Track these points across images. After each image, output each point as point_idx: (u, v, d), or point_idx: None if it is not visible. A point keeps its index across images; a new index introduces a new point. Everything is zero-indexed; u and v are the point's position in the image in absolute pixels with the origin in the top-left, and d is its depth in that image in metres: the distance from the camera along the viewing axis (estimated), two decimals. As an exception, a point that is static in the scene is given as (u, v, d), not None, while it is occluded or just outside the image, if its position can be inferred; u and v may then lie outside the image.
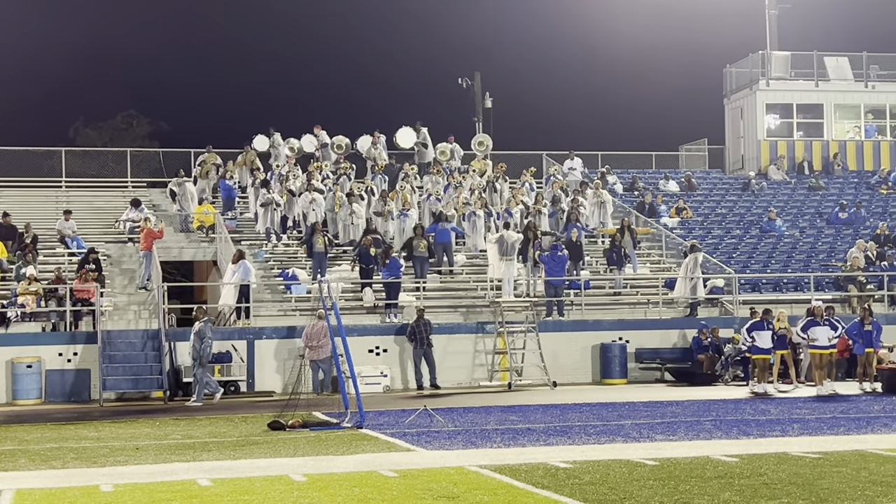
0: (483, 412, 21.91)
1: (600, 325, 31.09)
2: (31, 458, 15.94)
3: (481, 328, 30.07)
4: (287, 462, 14.94)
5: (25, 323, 28.15)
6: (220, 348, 28.15)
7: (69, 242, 33.15)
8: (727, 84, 46.90)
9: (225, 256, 32.32)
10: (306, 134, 40.21)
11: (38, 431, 20.03)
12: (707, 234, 38.43)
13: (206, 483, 13.11)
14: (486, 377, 29.46)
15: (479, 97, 49.42)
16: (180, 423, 20.96)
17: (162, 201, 37.56)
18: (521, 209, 35.44)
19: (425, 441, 17.03)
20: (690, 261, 32.46)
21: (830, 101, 45.27)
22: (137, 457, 15.87)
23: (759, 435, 17.24)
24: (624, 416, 20.76)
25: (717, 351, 29.79)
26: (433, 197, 35.99)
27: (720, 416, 20.48)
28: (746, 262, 36.39)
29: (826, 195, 42.68)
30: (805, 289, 33.82)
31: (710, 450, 15.31)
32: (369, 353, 28.99)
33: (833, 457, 14.47)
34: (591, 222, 36.95)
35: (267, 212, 34.54)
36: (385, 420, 20.40)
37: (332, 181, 36.54)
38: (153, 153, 43.14)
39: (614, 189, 40.33)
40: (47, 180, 39.84)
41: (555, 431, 18.18)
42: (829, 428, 18.14)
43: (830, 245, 38.05)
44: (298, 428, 19.17)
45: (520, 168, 39.60)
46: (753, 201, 42.09)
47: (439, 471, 13.79)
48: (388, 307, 30.36)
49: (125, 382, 27.09)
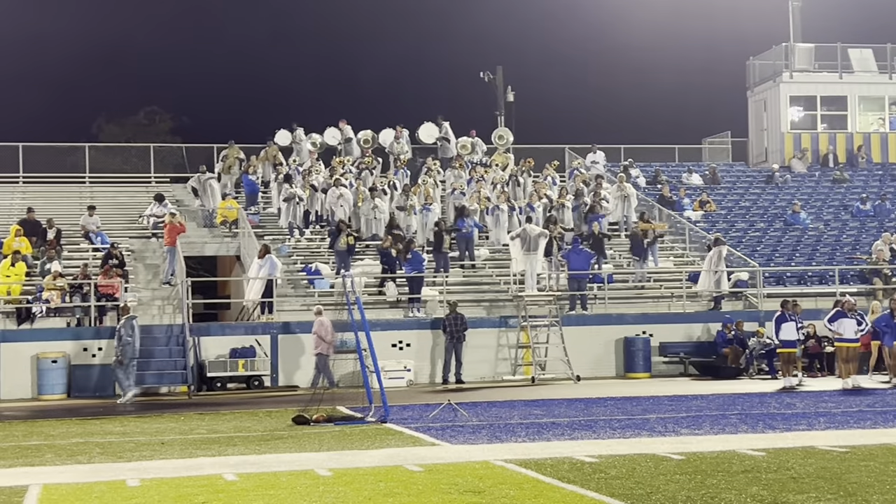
0: (507, 406, 21.89)
1: (624, 318, 31.01)
2: (57, 453, 16.01)
3: (504, 322, 30.04)
4: (312, 456, 14.94)
5: (50, 318, 28.26)
6: (243, 343, 28.24)
7: (93, 238, 33.28)
8: (750, 76, 46.67)
9: (248, 251, 32.39)
10: (330, 127, 40.21)
11: (64, 426, 20.11)
12: (731, 228, 38.28)
13: (231, 478, 13.13)
14: (509, 371, 29.42)
15: (501, 91, 49.29)
16: (205, 418, 21.01)
17: (185, 196, 37.65)
18: (543, 203, 35.37)
19: (450, 435, 17.01)
20: (714, 254, 32.33)
21: (854, 92, 44.98)
22: (163, 451, 15.92)
23: (785, 429, 17.15)
24: (648, 410, 20.70)
25: (742, 344, 29.67)
26: (457, 191, 35.96)
27: (745, 409, 20.39)
28: (771, 256, 36.22)
29: (850, 188, 42.43)
30: (830, 282, 33.64)
31: (737, 444, 15.24)
32: (392, 348, 29.01)
33: (860, 451, 14.38)
34: (615, 216, 36.85)
35: (290, 207, 34.58)
36: (409, 414, 20.40)
37: (355, 175, 36.56)
38: (176, 148, 43.27)
39: (637, 183, 40.20)
40: (71, 176, 39.99)
41: (579, 426, 18.13)
42: (855, 422, 18.03)
43: (855, 238, 37.84)
44: (323, 422, 19.19)
45: (542, 162, 39.52)
46: (777, 194, 41.89)
47: (464, 465, 13.77)
48: (410, 301, 30.35)
49: (149, 377, 27.17)
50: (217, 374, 27.76)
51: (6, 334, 27.82)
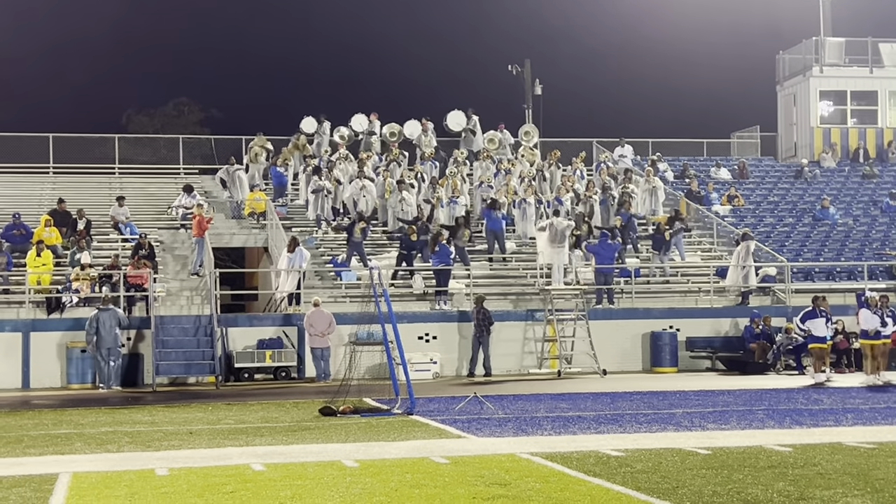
0: (533, 399, 21.90)
1: (650, 313, 30.97)
2: (86, 442, 16.13)
3: (531, 315, 30.05)
4: (339, 448, 15.00)
5: (80, 308, 28.46)
6: (271, 334, 28.40)
7: (122, 228, 33.47)
8: (780, 70, 46.46)
9: (276, 243, 32.51)
10: (358, 114, 40.12)
11: (93, 415, 20.26)
12: (759, 222, 38.13)
13: (259, 468, 13.21)
14: (535, 365, 29.44)
15: (529, 84, 49.25)
16: (233, 408, 21.12)
17: (213, 188, 37.81)
18: (571, 196, 35.33)
19: (476, 428, 17.04)
20: (742, 249, 32.23)
21: (885, 87, 44.69)
22: (191, 441, 16.01)
23: (812, 425, 17.10)
24: (675, 404, 20.67)
25: (769, 340, 29.58)
26: (484, 184, 35.97)
27: (772, 405, 20.33)
28: (799, 251, 36.07)
29: (880, 183, 42.18)
30: (858, 277, 33.47)
31: (764, 439, 15.20)
32: (419, 340, 29.07)
33: (888, 447, 14.32)
34: (643, 209, 36.78)
35: (318, 199, 34.68)
36: (435, 407, 20.44)
37: (383, 167, 36.61)
38: (205, 140, 43.43)
39: (665, 176, 40.08)
40: (101, 167, 40.20)
41: (605, 419, 18.13)
42: (883, 418, 17.95)
43: (884, 233, 37.63)
44: (349, 414, 19.26)
45: (570, 155, 39.46)
46: (806, 189, 41.69)
47: (490, 458, 13.80)
48: (437, 294, 30.40)
49: (177, 367, 27.36)
50: (245, 364, 27.90)
51: (36, 324, 28.04)
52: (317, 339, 27.60)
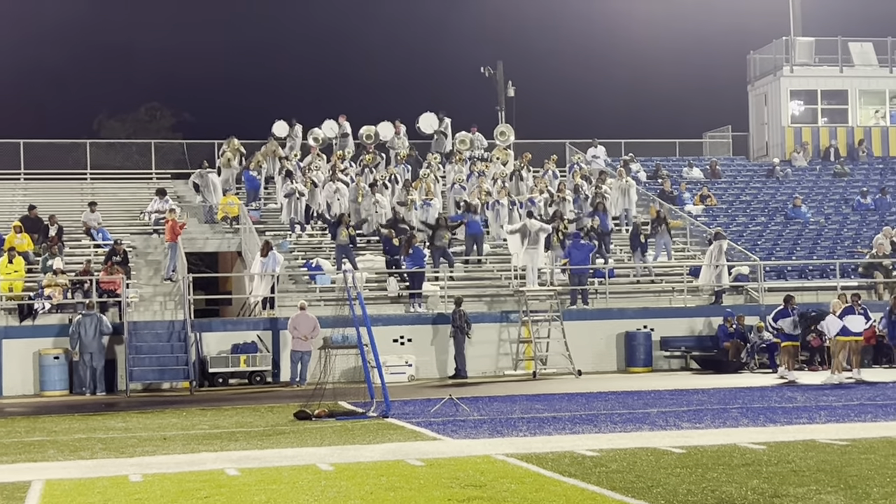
0: (508, 401, 21.92)
1: (625, 313, 31.04)
2: (59, 449, 16.04)
3: (506, 317, 30.07)
4: (314, 451, 14.98)
5: (52, 315, 28.29)
6: (245, 339, 28.31)
7: (95, 234, 33.31)
8: (751, 70, 46.70)
9: (249, 247, 32.42)
10: (328, 120, 40.14)
11: (66, 422, 20.14)
12: (731, 222, 38.30)
13: (234, 472, 13.16)
14: (510, 366, 29.46)
15: (501, 86, 49.30)
16: (207, 414, 21.04)
17: (186, 192, 37.67)
18: (544, 198, 35.38)
19: (451, 430, 17.04)
20: (715, 248, 32.35)
21: (855, 86, 45.00)
22: (165, 447, 15.94)
23: (786, 422, 17.19)
24: (650, 404, 20.73)
25: (743, 338, 29.71)
26: (457, 185, 35.97)
27: (746, 403, 20.42)
28: (771, 250, 36.25)
29: (851, 181, 42.45)
30: (831, 275, 33.65)
31: (738, 437, 15.27)
32: (394, 343, 29.04)
33: (861, 444, 14.41)
34: (616, 210, 36.87)
35: (291, 202, 34.61)
36: (410, 409, 20.43)
37: (356, 171, 36.57)
38: (177, 145, 43.27)
39: (637, 177, 40.20)
40: (72, 172, 39.98)
41: (580, 420, 18.16)
42: (856, 415, 18.05)
43: (856, 231, 37.87)
44: (324, 417, 19.22)
45: (543, 157, 39.53)
46: (778, 188, 41.91)
47: (466, 459, 13.80)
48: (412, 297, 30.38)
49: (151, 373, 27.25)
50: (219, 369, 27.79)
51: (8, 331, 27.85)
52: (299, 343, 27.40)
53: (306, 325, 27.42)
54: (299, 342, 27.40)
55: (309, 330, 27.33)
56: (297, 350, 27.51)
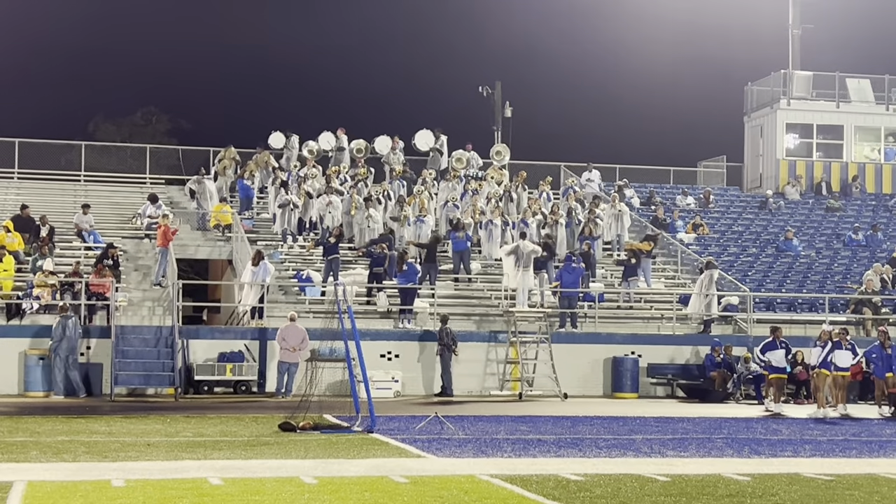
0: (494, 421, 21.88)
1: (613, 338, 31.04)
2: (42, 451, 15.97)
3: (494, 337, 30.05)
4: (298, 464, 14.93)
5: (40, 315, 28.20)
6: (232, 348, 28.24)
7: (86, 236, 33.23)
8: (748, 102, 46.84)
9: (241, 256, 32.37)
10: (326, 132, 40.16)
11: (50, 424, 20.06)
12: (723, 252, 38.35)
13: (216, 482, 13.11)
14: (497, 386, 29.43)
15: (498, 106, 49.33)
16: (191, 421, 20.97)
17: (181, 198, 37.63)
18: (538, 219, 35.41)
19: (436, 448, 17.00)
20: (706, 277, 32.36)
21: (851, 122, 45.16)
22: (148, 453, 15.89)
23: (770, 455, 17.18)
24: (635, 430, 20.71)
25: (730, 369, 29.71)
26: (450, 203, 35.99)
27: (732, 434, 20.41)
28: (762, 281, 36.29)
29: (843, 217, 42.56)
30: (820, 309, 33.70)
31: (722, 468, 15.26)
32: (381, 358, 28.99)
33: (845, 479, 14.41)
34: (608, 235, 36.90)
35: (284, 213, 34.59)
36: (396, 425, 20.38)
37: (351, 184, 36.58)
38: (172, 150, 43.24)
39: (631, 203, 40.25)
40: (66, 174, 39.95)
41: (566, 443, 18.14)
42: (841, 450, 18.06)
43: (846, 267, 37.92)
44: (309, 430, 19.17)
45: (538, 178, 39.58)
46: (770, 220, 41.99)
47: (450, 478, 13.77)
48: (401, 312, 30.35)
49: (136, 378, 27.14)
50: (204, 377, 27.71)
51: (-5, 329, 27.76)
52: (287, 354, 27.34)
53: (295, 337, 27.37)
54: (287, 353, 27.34)
55: (298, 341, 27.27)
56: (284, 361, 27.45)
